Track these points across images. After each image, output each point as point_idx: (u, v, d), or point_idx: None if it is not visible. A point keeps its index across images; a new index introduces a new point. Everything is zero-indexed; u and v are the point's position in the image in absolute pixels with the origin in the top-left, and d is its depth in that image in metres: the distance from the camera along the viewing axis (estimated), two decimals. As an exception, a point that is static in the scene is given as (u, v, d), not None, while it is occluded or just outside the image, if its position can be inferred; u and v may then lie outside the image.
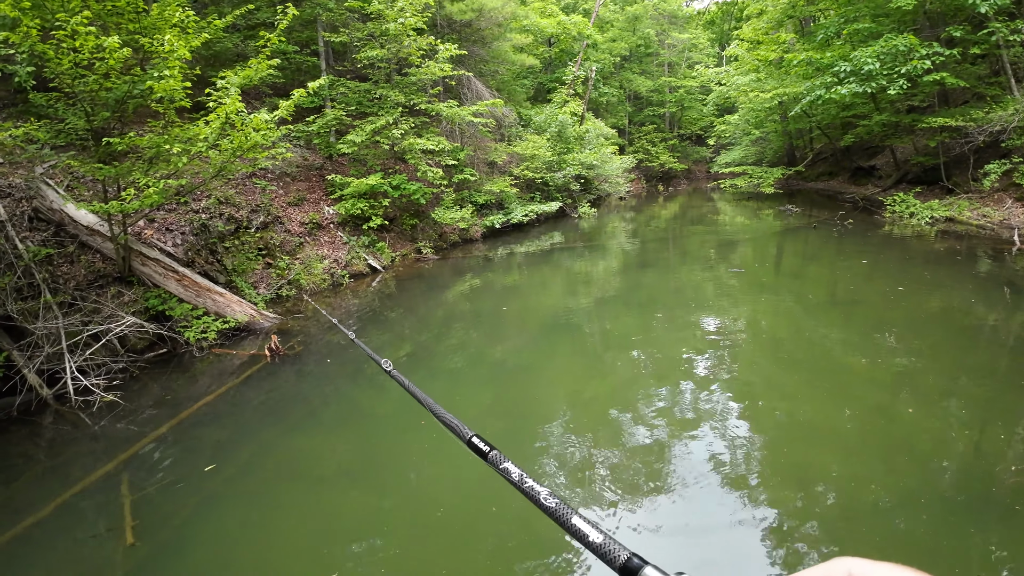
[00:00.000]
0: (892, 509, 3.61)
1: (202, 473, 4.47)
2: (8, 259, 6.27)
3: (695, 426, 4.81)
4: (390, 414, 5.54)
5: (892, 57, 13.80)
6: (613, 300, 9.38)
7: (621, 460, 4.35)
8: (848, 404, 5.03)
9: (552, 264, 12.35)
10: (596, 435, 4.79)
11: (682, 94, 33.97)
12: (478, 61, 17.41)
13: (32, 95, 6.47)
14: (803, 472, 4.08)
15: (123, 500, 4.07)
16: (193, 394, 6.05)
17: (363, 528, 3.85)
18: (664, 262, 12.56)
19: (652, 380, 5.89)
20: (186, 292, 7.40)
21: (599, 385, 5.94)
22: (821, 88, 15.69)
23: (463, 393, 5.95)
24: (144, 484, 4.36)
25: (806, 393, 5.40)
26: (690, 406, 5.25)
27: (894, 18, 15.54)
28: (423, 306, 9.31)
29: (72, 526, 3.94)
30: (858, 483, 3.89)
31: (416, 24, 12.20)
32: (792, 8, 21.20)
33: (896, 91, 13.73)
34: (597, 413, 5.27)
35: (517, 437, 4.89)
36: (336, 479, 4.48)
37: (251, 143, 7.00)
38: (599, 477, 4.17)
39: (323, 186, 12.25)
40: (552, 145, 18.44)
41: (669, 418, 5.00)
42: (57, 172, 7.85)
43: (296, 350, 6.91)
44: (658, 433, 4.73)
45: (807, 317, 7.76)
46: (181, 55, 6.34)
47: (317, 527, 3.86)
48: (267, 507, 4.12)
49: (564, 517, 0.76)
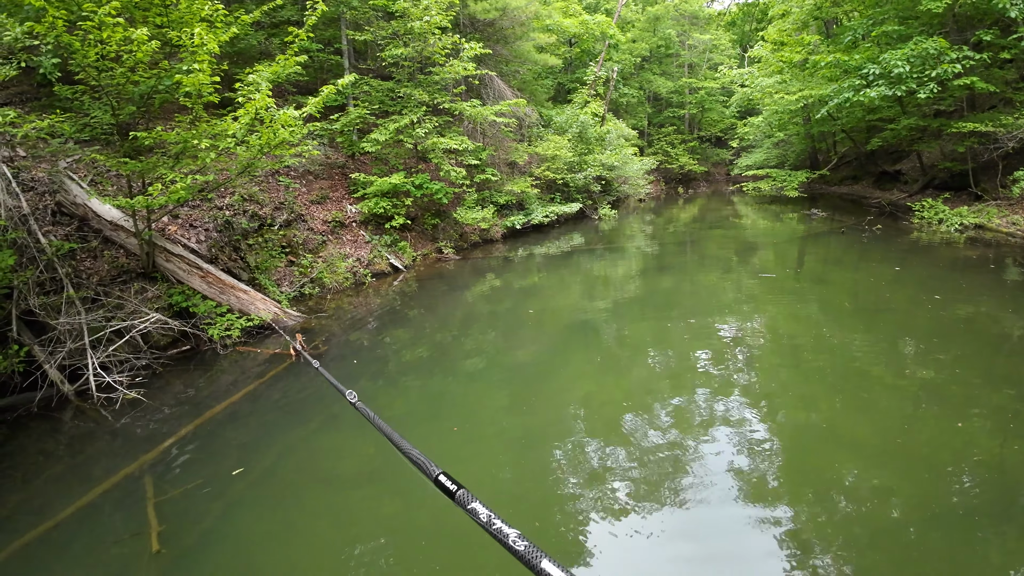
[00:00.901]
0: (913, 522, 3.52)
1: (227, 476, 4.34)
2: (31, 253, 6.21)
3: (712, 432, 4.72)
4: (413, 416, 5.38)
5: (921, 60, 13.54)
6: (632, 303, 9.19)
7: (635, 464, 4.29)
8: (870, 413, 4.92)
9: (571, 266, 12.16)
10: (611, 439, 4.71)
11: (703, 95, 33.57)
12: (499, 61, 17.25)
13: (58, 88, 6.40)
14: (822, 482, 3.99)
15: (147, 503, 3.95)
16: (217, 392, 5.95)
17: (387, 533, 3.71)
18: (685, 265, 12.32)
19: (669, 384, 5.78)
20: (210, 289, 7.30)
21: (616, 389, 5.81)
22: (849, 90, 15.39)
23: (480, 392, 5.86)
24: (168, 486, 4.23)
25: (827, 401, 5.27)
26: (708, 412, 5.14)
27: (922, 20, 15.24)
28: (443, 306, 9.17)
29: (94, 529, 3.83)
30: (879, 494, 3.79)
31: (441, 22, 12.07)
32: (818, 9, 20.84)
33: (926, 95, 13.42)
34: (612, 417, 5.14)
35: (532, 437, 4.83)
36: (361, 482, 4.35)
37: (279, 139, 6.89)
38: (612, 480, 4.10)
39: (346, 184, 12.16)
40: (573, 146, 18.22)
41: (685, 424, 4.91)
42: (81, 167, 7.81)
43: (320, 350, 6.79)
44: (673, 439, 4.64)
45: (831, 323, 7.54)
46: (210, 49, 6.24)
47: (342, 532, 3.72)
48: (293, 511, 3.98)
49: (534, 561, 0.72)
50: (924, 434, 4.58)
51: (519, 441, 4.80)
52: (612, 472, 4.23)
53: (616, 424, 4.97)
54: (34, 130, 5.67)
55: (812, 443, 4.57)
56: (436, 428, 5.12)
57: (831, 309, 8.32)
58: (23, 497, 4.33)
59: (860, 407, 5.05)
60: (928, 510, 3.64)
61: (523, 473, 4.35)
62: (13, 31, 5.63)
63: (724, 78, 28.49)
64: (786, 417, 5.03)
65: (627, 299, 9.49)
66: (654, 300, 9.35)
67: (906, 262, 10.79)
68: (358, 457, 4.73)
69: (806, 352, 6.54)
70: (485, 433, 5.00)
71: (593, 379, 6.17)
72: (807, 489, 3.94)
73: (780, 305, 8.57)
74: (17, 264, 6.04)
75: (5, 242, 5.88)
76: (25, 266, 6.12)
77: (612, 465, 4.32)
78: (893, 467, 4.13)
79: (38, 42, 5.52)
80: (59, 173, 7.20)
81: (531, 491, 4.10)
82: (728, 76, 26.94)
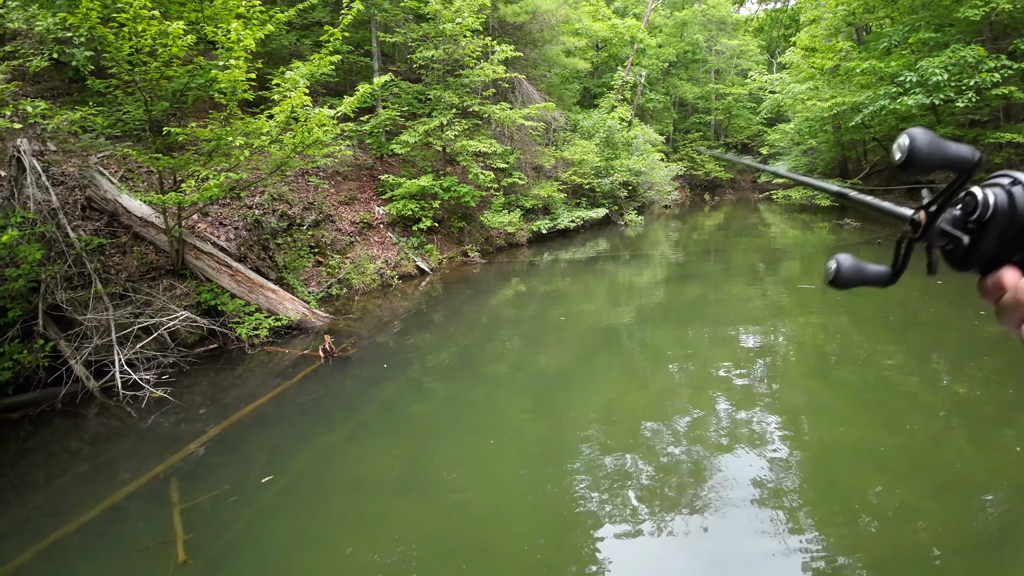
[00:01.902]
0: (940, 545, 3.34)
1: (255, 481, 4.18)
2: (59, 247, 6.14)
3: (734, 445, 4.52)
4: (444, 425, 5.19)
5: (959, 68, 13.21)
6: (658, 311, 8.97)
7: (654, 475, 4.15)
8: (899, 429, 4.72)
9: (596, 272, 11.92)
10: (631, 448, 4.55)
11: (730, 101, 33.11)
12: (527, 64, 17.09)
13: (90, 81, 6.34)
14: (847, 500, 3.81)
15: (173, 508, 3.79)
16: (244, 393, 5.81)
17: (416, 543, 3.52)
18: (712, 274, 12.02)
19: (693, 395, 5.61)
20: (239, 288, 7.20)
21: (639, 397, 5.66)
22: (885, 98, 15.06)
23: (503, 397, 5.76)
24: (194, 491, 4.07)
25: (854, 416, 5.05)
26: (732, 423, 4.93)
27: (958, 28, 14.85)
28: (470, 310, 9.02)
29: (118, 535, 3.68)
30: (905, 515, 3.61)
31: (473, 24, 11.95)
32: (851, 16, 20.42)
33: (965, 103, 13.09)
34: (635, 426, 4.96)
35: (553, 443, 4.73)
36: (391, 491, 4.16)
37: (313, 139, 6.77)
38: (630, 491, 3.96)
39: (374, 186, 12.06)
40: (600, 150, 17.97)
41: (707, 435, 4.71)
42: (112, 162, 7.79)
43: (349, 352, 6.62)
44: (694, 450, 4.47)
45: (863, 336, 7.28)
46: (247, 45, 6.14)
47: (371, 542, 3.54)
48: (322, 521, 3.80)
49: None
50: (954, 453, 4.36)
51: (536, 444, 4.73)
52: (633, 483, 4.07)
53: (638, 434, 4.80)
54: (66, 122, 5.59)
55: (836, 457, 4.41)
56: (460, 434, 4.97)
57: (863, 321, 8.02)
58: (45, 497, 4.21)
59: (888, 422, 4.85)
60: (956, 534, 3.45)
61: (543, 480, 4.20)
62: (45, 21, 5.56)
63: (753, 84, 28.01)
64: (811, 431, 4.86)
65: (653, 307, 9.29)
66: (680, 308, 9.12)
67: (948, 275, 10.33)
68: (387, 465, 4.54)
69: (836, 365, 6.32)
70: (507, 437, 4.88)
71: (616, 387, 6.01)
72: (829, 505, 3.79)
73: (810, 316, 8.30)
74: (45, 258, 5.98)
75: (34, 236, 5.82)
76: (53, 260, 6.06)
77: (633, 476, 4.16)
78: (921, 486, 3.95)
79: (71, 34, 5.44)
80: (90, 168, 7.16)
81: (550, 498, 3.96)
82: (759, 81, 26.44)
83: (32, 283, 5.79)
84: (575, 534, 3.57)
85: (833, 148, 27.02)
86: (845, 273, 0.71)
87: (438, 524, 3.75)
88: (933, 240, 0.65)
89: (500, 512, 3.88)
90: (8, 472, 4.54)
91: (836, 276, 0.71)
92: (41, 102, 5.15)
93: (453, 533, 3.66)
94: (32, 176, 6.15)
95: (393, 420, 5.32)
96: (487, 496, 4.05)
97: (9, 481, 4.43)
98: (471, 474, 4.33)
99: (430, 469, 4.42)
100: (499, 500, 4.00)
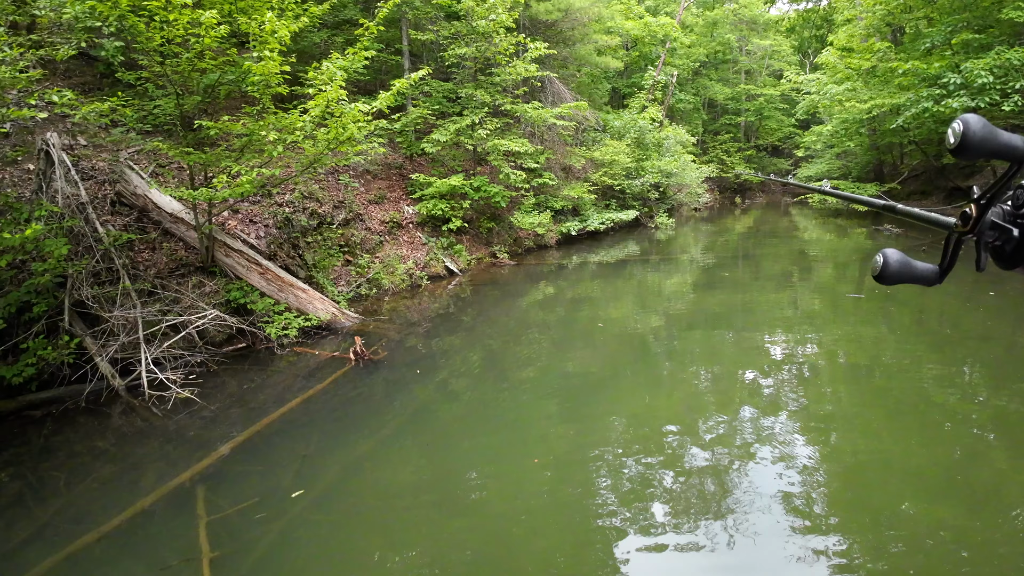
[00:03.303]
0: (973, 566, 3.17)
1: (284, 493, 3.92)
2: (87, 242, 6.00)
3: (762, 455, 4.37)
4: (481, 437, 4.90)
5: (1004, 71, 12.69)
6: (688, 318, 8.61)
7: (680, 485, 4.02)
8: (934, 444, 4.56)
9: (625, 276, 11.56)
10: (656, 456, 4.41)
11: (761, 103, 32.37)
12: (558, 64, 16.77)
13: (120, 72, 6.18)
14: (877, 514, 3.65)
15: (198, 522, 3.55)
16: (273, 396, 5.59)
17: (455, 563, 3.27)
18: (745, 280, 11.57)
19: (719, 402, 5.37)
20: (269, 286, 7.01)
21: (665, 405, 5.48)
22: (928, 100, 14.56)
23: (529, 400, 5.58)
24: (221, 501, 3.84)
25: (888, 428, 4.88)
26: (758, 433, 4.75)
27: (1001, 29, 14.23)
28: (498, 313, 8.77)
29: (141, 549, 3.45)
30: (938, 532, 3.47)
31: (506, 22, 11.69)
32: (890, 15, 19.76)
33: (1011, 107, 12.53)
34: (660, 434, 4.79)
35: (577, 447, 4.62)
36: (425, 504, 3.90)
37: (347, 135, 6.54)
38: (655, 501, 3.84)
39: (403, 185, 11.86)
40: (631, 151, 17.55)
41: (734, 445, 4.56)
42: (142, 157, 7.67)
43: (380, 355, 6.38)
44: (721, 460, 4.32)
45: (898, 346, 6.93)
46: (281, 37, 5.94)
47: (403, 560, 3.27)
48: (354, 537, 3.55)
49: None
50: (991, 470, 4.14)
51: (561, 447, 4.63)
52: (657, 493, 3.94)
53: (664, 443, 4.63)
54: (93, 114, 5.42)
55: (867, 471, 4.23)
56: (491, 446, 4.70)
57: (900, 330, 7.64)
58: (65, 502, 4.01)
59: (923, 436, 4.69)
60: (989, 555, 3.27)
61: (567, 489, 4.06)
62: (73, 8, 5.40)
63: (787, 85, 27.27)
64: (842, 442, 4.67)
65: (683, 312, 8.94)
66: (710, 314, 8.78)
67: (1002, 285, 9.72)
68: (422, 476, 4.28)
69: (871, 374, 6.08)
70: (531, 442, 4.69)
71: (644, 393, 5.83)
72: (859, 521, 3.61)
73: (846, 324, 7.93)
74: (73, 253, 5.84)
75: (61, 230, 5.68)
76: (81, 255, 5.92)
77: (658, 485, 4.03)
78: (954, 503, 3.75)
79: (100, 23, 5.27)
80: (120, 163, 7.04)
81: (575, 509, 3.82)
82: (796, 81, 25.72)
83: (59, 278, 5.65)
84: (598, 546, 3.45)
85: (868, 152, 26.19)
86: (892, 268, 0.70)
87: (465, 537, 3.57)
88: (983, 234, 0.63)
89: (526, 525, 3.68)
90: (28, 474, 4.37)
91: (883, 271, 0.70)
92: (68, 91, 4.98)
93: (500, 553, 3.42)
94: (61, 170, 6.02)
95: (424, 428, 5.06)
96: (514, 508, 3.86)
97: (29, 484, 4.25)
98: (499, 485, 4.14)
99: (459, 481, 4.18)
100: (524, 512, 3.83)
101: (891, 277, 0.69)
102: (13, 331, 5.41)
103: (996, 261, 0.63)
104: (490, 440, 4.84)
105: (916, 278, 0.70)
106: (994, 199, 0.61)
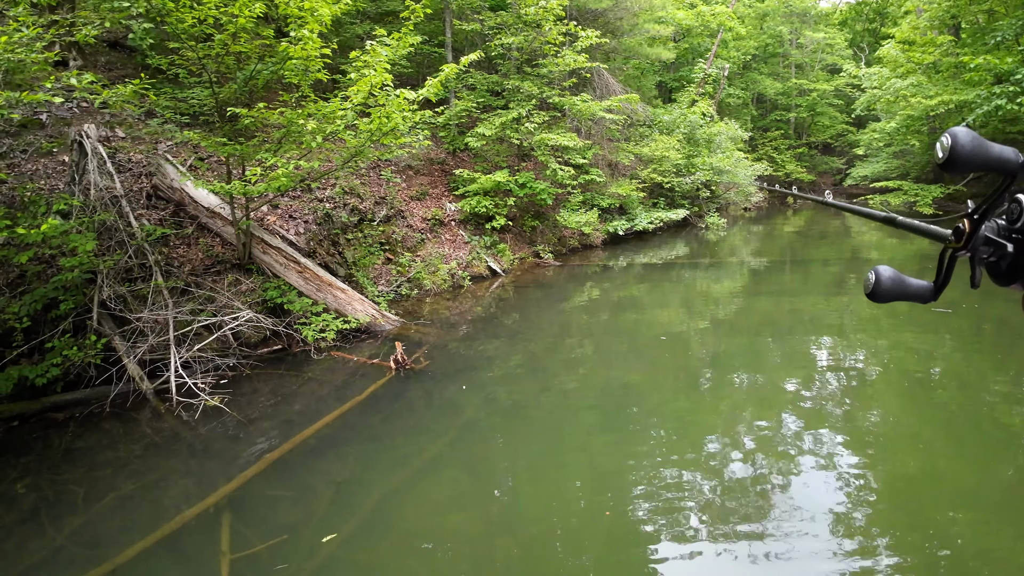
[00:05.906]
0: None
1: (318, 525, 3.46)
2: (120, 237, 5.68)
3: (807, 469, 4.14)
4: (535, 469, 4.36)
5: None
6: (737, 324, 8.03)
7: (720, 498, 3.82)
8: (992, 464, 4.26)
9: (673, 279, 10.87)
10: (697, 468, 4.19)
11: (814, 98, 30.88)
12: (602, 56, 16.06)
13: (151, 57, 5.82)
14: (925, 535, 3.45)
15: (221, 559, 3.10)
16: (308, 407, 5.17)
17: None
18: (797, 284, 10.82)
19: (765, 413, 5.06)
20: (307, 285, 6.62)
21: (709, 415, 5.13)
22: (1002, 97, 13.42)
23: (571, 408, 5.29)
24: (248, 533, 3.40)
25: (942, 444, 4.60)
26: (804, 446, 4.50)
27: None
28: (541, 317, 8.27)
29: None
30: (989, 558, 3.24)
31: (556, 10, 11.10)
32: (955, 7, 18.42)
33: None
34: (701, 444, 4.58)
35: (616, 455, 4.42)
36: (476, 539, 3.42)
37: (391, 126, 6.08)
38: (693, 513, 3.65)
39: (445, 181, 11.41)
40: (681, 147, 16.72)
41: (778, 457, 4.32)
42: (181, 150, 7.38)
43: (422, 363, 5.90)
44: (763, 472, 4.09)
45: (957, 358, 6.44)
46: (321, 15, 5.50)
47: None
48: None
49: None
50: None
51: (601, 456, 4.47)
52: (696, 505, 3.74)
53: (705, 453, 4.43)
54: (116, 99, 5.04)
55: (920, 489, 3.99)
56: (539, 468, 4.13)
57: (960, 340, 7.03)
58: (82, 522, 3.64)
59: (980, 454, 4.40)
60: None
61: (607, 500, 3.84)
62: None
63: (845, 79, 25.85)
64: (893, 457, 4.40)
65: (731, 319, 8.33)
66: (761, 321, 8.19)
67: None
68: (469, 509, 3.76)
69: (927, 388, 5.67)
70: (571, 463, 4.21)
71: (687, 402, 5.52)
72: (908, 540, 3.40)
73: (903, 333, 7.27)
74: (104, 248, 5.52)
75: (92, 224, 5.36)
76: (113, 250, 5.60)
77: (697, 498, 3.83)
78: (1010, 528, 3.54)
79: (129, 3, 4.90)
80: (156, 155, 6.74)
81: (614, 524, 3.59)
82: (854, 75, 24.31)
83: (88, 274, 5.34)
84: (635, 554, 3.33)
85: (928, 151, 24.60)
86: (885, 285, 0.69)
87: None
88: (977, 249, 0.62)
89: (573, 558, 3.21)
90: (46, 485, 4.04)
91: (875, 288, 0.69)
92: (89, 74, 4.62)
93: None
94: (95, 161, 5.72)
95: (467, 451, 4.55)
96: (563, 535, 3.45)
97: (46, 497, 3.91)
98: (547, 509, 3.75)
99: (528, 516, 3.63)
100: (555, 511, 3.69)
101: (884, 295, 0.68)
102: (39, 329, 5.12)
103: (992, 277, 0.62)
104: (538, 461, 4.40)
105: (910, 295, 0.68)
106: (988, 213, 0.60)
